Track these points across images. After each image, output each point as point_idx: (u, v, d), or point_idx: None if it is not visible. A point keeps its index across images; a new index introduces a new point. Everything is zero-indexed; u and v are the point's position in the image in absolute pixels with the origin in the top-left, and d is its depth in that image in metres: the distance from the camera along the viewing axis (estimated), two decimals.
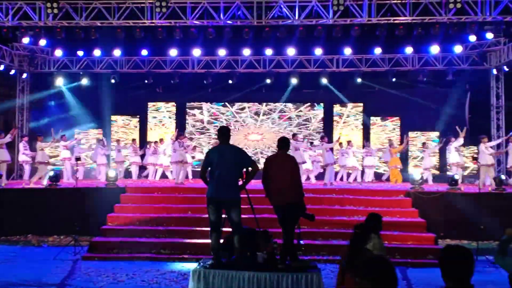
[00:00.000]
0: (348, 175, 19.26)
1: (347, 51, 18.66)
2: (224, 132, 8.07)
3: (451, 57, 19.14)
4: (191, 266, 7.17)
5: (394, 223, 13.01)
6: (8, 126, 20.84)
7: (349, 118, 21.63)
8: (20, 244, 13.34)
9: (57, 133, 17.88)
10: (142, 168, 20.07)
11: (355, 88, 20.69)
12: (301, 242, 8.12)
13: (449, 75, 19.13)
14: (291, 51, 18.49)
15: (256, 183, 9.40)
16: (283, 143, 8.50)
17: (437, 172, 19.81)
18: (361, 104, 21.60)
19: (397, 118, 21.36)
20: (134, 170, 19.67)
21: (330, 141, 18.73)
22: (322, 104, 21.79)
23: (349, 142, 19.32)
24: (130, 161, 19.86)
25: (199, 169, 8.23)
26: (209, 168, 7.85)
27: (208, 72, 19.96)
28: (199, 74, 20.16)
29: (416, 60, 19.46)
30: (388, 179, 19.02)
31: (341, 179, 19.02)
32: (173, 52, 18.90)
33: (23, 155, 17.37)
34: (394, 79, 19.70)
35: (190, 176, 18.76)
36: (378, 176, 19.83)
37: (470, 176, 19.20)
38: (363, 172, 19.38)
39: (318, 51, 18.67)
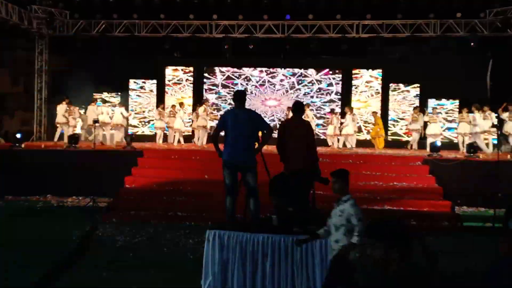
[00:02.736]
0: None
1: (368, 16, 18.38)
2: (239, 96, 8.01)
3: (474, 23, 18.74)
4: (207, 227, 7.22)
5: (411, 189, 13.04)
6: (28, 89, 21.06)
7: (368, 84, 21.39)
8: (40, 204, 13.59)
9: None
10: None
11: (375, 54, 20.41)
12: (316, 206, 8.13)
13: (472, 42, 18.76)
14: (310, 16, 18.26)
15: (272, 147, 9.40)
16: (298, 107, 8.45)
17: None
18: (380, 71, 21.33)
19: (418, 85, 21.08)
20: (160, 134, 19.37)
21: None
22: (340, 71, 21.57)
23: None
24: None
25: None
26: (223, 132, 7.84)
27: (227, 37, 19.80)
28: (217, 39, 20.02)
29: (438, 26, 19.08)
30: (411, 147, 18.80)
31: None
32: (191, 17, 18.80)
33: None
34: (415, 46, 19.38)
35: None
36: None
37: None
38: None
39: (338, 17, 18.40)
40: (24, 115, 21.24)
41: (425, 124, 18.19)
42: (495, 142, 16.86)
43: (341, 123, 18.82)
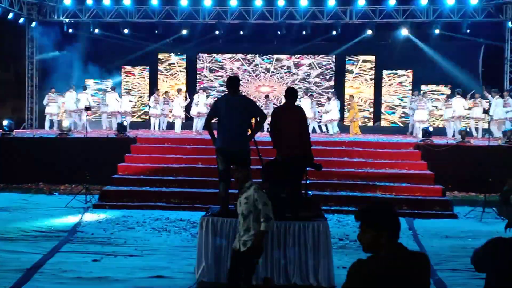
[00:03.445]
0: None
1: (361, 1, 18.35)
2: (232, 82, 7.98)
3: (467, 9, 18.72)
4: (201, 214, 7.24)
5: (403, 175, 13.11)
6: (19, 76, 20.89)
7: (360, 71, 21.38)
8: (32, 192, 13.56)
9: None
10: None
11: (367, 40, 20.39)
12: (309, 193, 8.15)
13: (464, 27, 18.76)
14: (303, 2, 18.18)
15: (265, 135, 9.40)
16: (291, 93, 8.42)
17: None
18: (373, 57, 21.32)
19: (410, 71, 21.10)
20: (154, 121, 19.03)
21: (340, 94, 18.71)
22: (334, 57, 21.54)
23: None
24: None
25: None
26: (216, 119, 7.82)
27: (219, 22, 19.70)
28: (210, 24, 19.92)
29: (431, 12, 19.04)
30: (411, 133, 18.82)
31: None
32: (184, 2, 18.71)
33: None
34: (408, 31, 19.36)
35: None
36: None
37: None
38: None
39: (331, 2, 18.37)
40: (15, 103, 21.08)
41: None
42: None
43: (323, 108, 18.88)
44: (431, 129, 15.58)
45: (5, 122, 15.64)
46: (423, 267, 2.86)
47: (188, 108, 18.78)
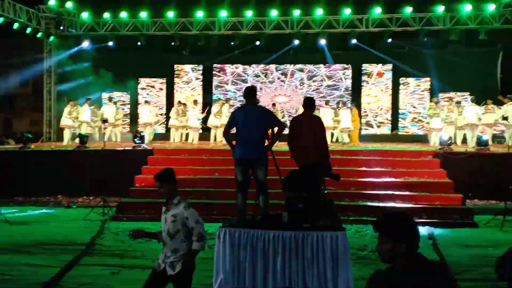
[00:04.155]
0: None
1: (377, 10, 18.31)
2: (250, 92, 7.99)
3: (484, 15, 18.55)
4: (218, 225, 7.19)
5: (422, 184, 12.95)
6: (37, 89, 21.12)
7: (378, 79, 21.27)
8: (50, 205, 13.62)
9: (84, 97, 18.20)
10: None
11: (384, 48, 20.30)
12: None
13: (481, 34, 18.59)
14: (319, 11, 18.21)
15: (282, 145, 9.36)
16: (309, 103, 8.40)
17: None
18: (390, 65, 21.21)
19: (428, 78, 20.95)
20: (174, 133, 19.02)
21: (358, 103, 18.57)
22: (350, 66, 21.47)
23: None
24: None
25: None
26: (234, 129, 7.82)
27: (235, 33, 19.75)
28: (225, 36, 19.99)
29: (447, 19, 18.91)
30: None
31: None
32: (200, 13, 18.85)
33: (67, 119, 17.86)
34: (425, 39, 19.25)
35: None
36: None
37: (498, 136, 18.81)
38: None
39: (347, 11, 18.36)
40: (33, 116, 21.31)
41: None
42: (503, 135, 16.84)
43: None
44: (446, 137, 15.33)
45: (25, 136, 15.84)
46: (444, 277, 2.79)
47: (205, 119, 18.84)
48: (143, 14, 19.17)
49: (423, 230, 10.08)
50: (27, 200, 14.05)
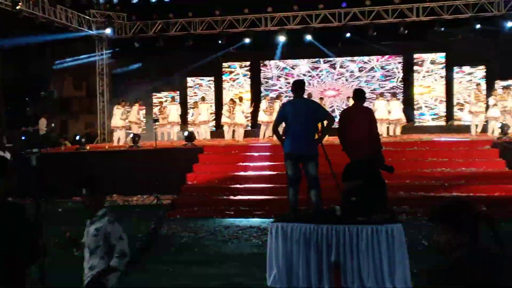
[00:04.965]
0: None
1: None
2: (299, 86, 7.92)
3: None
4: (270, 221, 7.13)
5: (480, 174, 12.55)
6: (90, 92, 21.60)
7: (430, 69, 20.73)
8: (106, 204, 13.82)
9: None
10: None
11: (436, 37, 19.75)
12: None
13: None
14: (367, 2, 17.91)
15: (333, 139, 9.22)
16: (359, 94, 8.24)
17: None
18: (443, 54, 20.63)
19: (483, 67, 20.28)
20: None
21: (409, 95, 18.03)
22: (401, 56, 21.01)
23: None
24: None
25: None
26: (284, 123, 7.75)
27: (282, 29, 19.64)
28: (272, 31, 19.90)
29: (502, 4, 18.23)
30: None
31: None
32: (246, 10, 18.84)
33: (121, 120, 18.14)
34: (478, 26, 18.61)
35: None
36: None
37: None
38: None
39: (397, 1, 17.97)
40: (88, 118, 21.82)
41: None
42: None
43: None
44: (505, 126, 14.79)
45: (78, 138, 16.24)
46: (508, 270, 2.62)
47: (254, 115, 18.83)
48: (190, 14, 19.33)
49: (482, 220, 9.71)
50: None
